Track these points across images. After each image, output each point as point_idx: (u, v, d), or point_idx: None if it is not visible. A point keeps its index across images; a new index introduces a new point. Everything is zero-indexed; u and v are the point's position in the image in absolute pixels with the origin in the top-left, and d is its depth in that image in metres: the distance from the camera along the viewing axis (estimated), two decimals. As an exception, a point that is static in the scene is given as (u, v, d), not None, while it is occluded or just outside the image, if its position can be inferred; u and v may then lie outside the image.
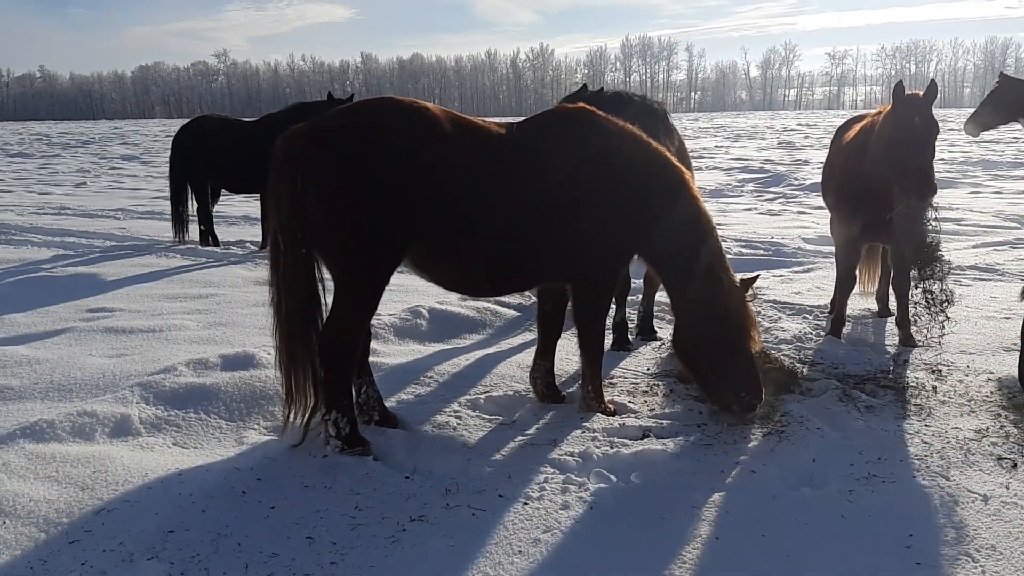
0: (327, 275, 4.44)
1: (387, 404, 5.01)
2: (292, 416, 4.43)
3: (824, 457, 4.40)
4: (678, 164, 5.13)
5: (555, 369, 5.41)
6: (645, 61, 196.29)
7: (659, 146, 5.12)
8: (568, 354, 6.12)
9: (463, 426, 4.87)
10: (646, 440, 4.64)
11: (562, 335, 5.44)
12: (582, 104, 5.13)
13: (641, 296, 7.15)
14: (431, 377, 5.69)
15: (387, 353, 6.26)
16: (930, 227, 5.84)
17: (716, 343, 4.88)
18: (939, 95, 5.68)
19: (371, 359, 5.08)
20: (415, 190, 4.25)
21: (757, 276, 5.39)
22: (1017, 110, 9.58)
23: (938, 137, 5.65)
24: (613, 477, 4.13)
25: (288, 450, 4.39)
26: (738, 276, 5.15)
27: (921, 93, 5.67)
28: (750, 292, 5.14)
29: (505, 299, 7.74)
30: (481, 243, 4.56)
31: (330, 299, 4.40)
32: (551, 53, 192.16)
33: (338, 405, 4.37)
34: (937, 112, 5.74)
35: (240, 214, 15.69)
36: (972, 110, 10.37)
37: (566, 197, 4.70)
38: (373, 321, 5.26)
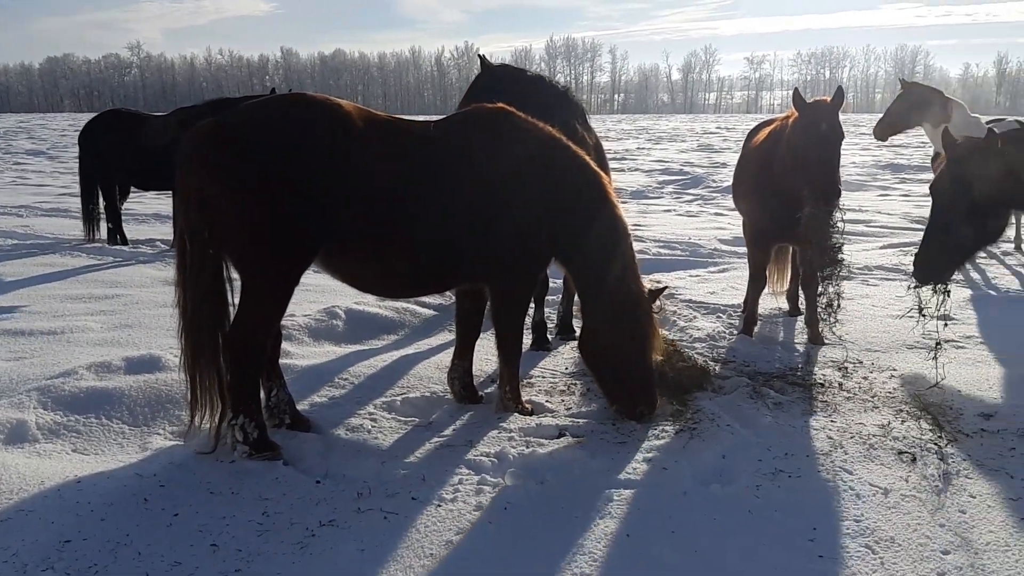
0: (236, 275, 4.31)
1: (299, 407, 4.90)
2: (197, 420, 4.29)
3: (734, 453, 4.48)
4: (597, 169, 5.13)
5: (474, 369, 5.39)
6: (570, 62, 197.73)
7: (579, 150, 5.12)
8: (487, 354, 6.09)
9: (378, 429, 4.80)
10: (562, 439, 4.65)
11: (481, 335, 5.42)
12: (501, 105, 5.03)
13: (560, 296, 7.19)
14: (346, 379, 5.59)
15: (300, 355, 6.13)
16: (835, 230, 6.01)
17: (619, 350, 4.92)
18: (852, 101, 5.85)
19: (283, 361, 4.97)
20: (325, 189, 4.15)
21: (665, 287, 5.49)
22: (920, 115, 10.03)
23: (848, 141, 5.80)
24: (528, 477, 4.12)
25: (194, 456, 4.26)
26: (648, 281, 5.20)
27: (828, 99, 5.84)
28: (657, 303, 5.19)
29: (424, 299, 7.67)
30: (395, 245, 4.48)
31: (238, 299, 4.28)
32: (476, 51, 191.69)
33: (245, 409, 4.25)
34: (849, 117, 5.93)
35: (150, 212, 15.23)
36: (882, 115, 10.79)
37: (484, 199, 4.65)
38: (286, 322, 5.15)
